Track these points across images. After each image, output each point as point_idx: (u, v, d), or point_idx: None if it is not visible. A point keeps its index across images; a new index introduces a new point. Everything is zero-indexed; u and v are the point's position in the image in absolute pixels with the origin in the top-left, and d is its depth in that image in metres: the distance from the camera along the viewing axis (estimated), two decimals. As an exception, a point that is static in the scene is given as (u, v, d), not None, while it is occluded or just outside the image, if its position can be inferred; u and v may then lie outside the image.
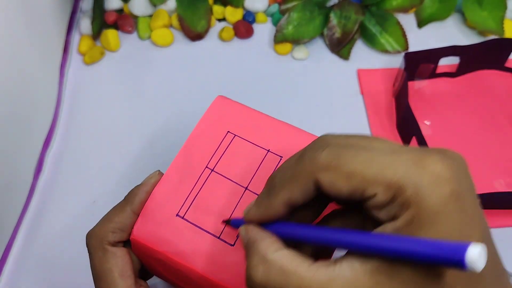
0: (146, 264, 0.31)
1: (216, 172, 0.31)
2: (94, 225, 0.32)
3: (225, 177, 0.30)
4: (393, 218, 0.20)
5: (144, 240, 0.29)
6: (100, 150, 0.47)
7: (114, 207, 0.31)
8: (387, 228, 0.20)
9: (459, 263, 0.17)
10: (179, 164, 0.31)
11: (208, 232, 0.29)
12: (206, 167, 0.31)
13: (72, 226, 0.43)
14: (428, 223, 0.19)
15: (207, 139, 0.32)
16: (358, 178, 0.21)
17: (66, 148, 0.47)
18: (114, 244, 0.30)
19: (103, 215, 0.32)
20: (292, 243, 0.24)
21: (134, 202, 0.30)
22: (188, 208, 0.30)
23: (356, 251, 0.21)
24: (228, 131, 0.32)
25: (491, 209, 0.42)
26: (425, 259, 0.18)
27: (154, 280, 0.32)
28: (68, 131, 0.48)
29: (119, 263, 0.29)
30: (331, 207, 0.27)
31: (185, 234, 0.29)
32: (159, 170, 0.31)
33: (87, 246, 0.30)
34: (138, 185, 0.31)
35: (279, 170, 0.24)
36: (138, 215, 0.30)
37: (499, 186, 0.44)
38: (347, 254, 0.21)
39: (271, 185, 0.24)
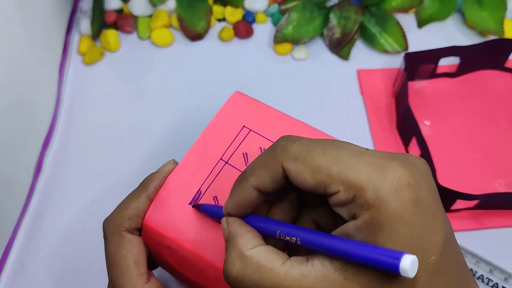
0: (154, 252, 0.31)
1: (230, 165, 0.31)
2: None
3: (239, 170, 0.31)
4: (354, 217, 0.22)
5: (156, 225, 0.30)
6: (99, 150, 0.47)
7: (129, 194, 0.31)
8: (349, 226, 0.22)
9: (394, 269, 0.19)
10: (194, 155, 0.32)
11: (219, 222, 0.29)
12: (221, 159, 0.32)
13: (72, 226, 0.43)
14: (387, 226, 0.20)
15: (223, 132, 0.32)
16: (323, 173, 0.22)
17: (66, 148, 0.47)
18: (131, 231, 0.30)
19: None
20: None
21: (149, 188, 0.30)
22: (201, 198, 0.30)
23: (316, 250, 0.22)
24: (244, 126, 0.33)
25: (491, 209, 0.42)
26: (366, 263, 0.20)
27: (164, 275, 0.32)
28: (67, 131, 0.48)
29: (135, 251, 0.30)
30: None
31: (196, 223, 0.29)
32: (174, 159, 0.32)
33: (103, 232, 0.31)
34: (153, 173, 0.31)
35: (252, 162, 0.25)
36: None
37: (499, 186, 0.44)
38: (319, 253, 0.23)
39: (243, 174, 0.25)
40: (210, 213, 0.29)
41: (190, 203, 0.30)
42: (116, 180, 0.45)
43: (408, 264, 0.19)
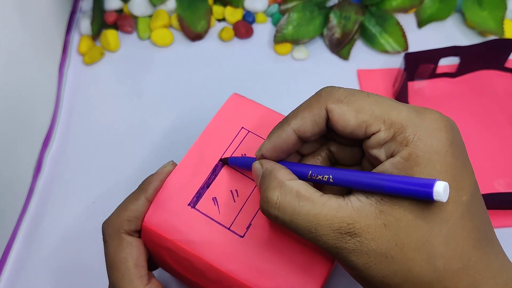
0: (154, 254, 0.31)
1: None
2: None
3: (238, 171, 0.31)
4: (391, 155, 0.23)
5: (156, 227, 0.30)
6: (99, 150, 0.47)
7: (128, 196, 0.31)
8: (386, 164, 0.23)
9: (427, 194, 0.20)
10: (193, 156, 0.32)
11: (219, 223, 0.29)
12: (219, 160, 0.32)
13: (71, 226, 0.43)
14: (424, 161, 0.22)
15: (222, 134, 0.33)
16: (366, 113, 0.24)
17: (65, 148, 0.47)
18: (130, 233, 0.30)
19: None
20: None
21: (148, 190, 0.30)
22: (200, 199, 0.30)
23: (350, 186, 0.24)
24: (242, 127, 0.33)
25: (491, 209, 0.42)
26: (400, 192, 0.21)
27: (164, 276, 0.32)
28: (67, 131, 0.48)
29: (134, 253, 0.29)
30: None
31: (196, 224, 0.29)
32: (172, 161, 0.32)
33: (103, 235, 0.31)
34: (152, 174, 0.31)
35: (296, 107, 0.26)
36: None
37: (499, 186, 0.44)
38: (354, 191, 0.24)
39: (285, 118, 0.26)
40: (240, 163, 0.30)
41: (189, 203, 0.30)
42: (116, 180, 0.45)
43: (441, 188, 0.20)
